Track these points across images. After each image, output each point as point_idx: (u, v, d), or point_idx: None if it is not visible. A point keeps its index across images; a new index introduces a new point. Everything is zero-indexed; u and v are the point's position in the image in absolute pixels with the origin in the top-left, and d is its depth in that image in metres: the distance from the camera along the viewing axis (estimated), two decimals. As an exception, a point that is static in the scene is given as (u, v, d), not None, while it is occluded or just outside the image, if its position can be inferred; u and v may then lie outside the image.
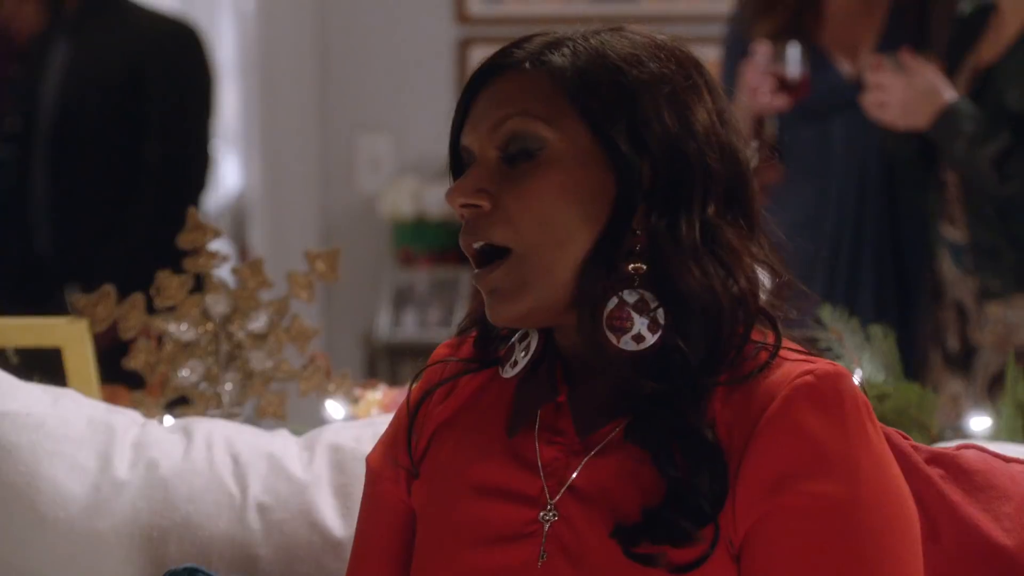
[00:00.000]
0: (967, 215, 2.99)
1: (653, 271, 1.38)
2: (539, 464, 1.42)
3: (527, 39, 1.44)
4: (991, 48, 2.97)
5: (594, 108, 1.39)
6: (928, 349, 3.06)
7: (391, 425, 1.55)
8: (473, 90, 1.43)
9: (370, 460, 1.55)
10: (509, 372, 1.45)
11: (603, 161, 1.39)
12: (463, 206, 1.40)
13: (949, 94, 2.92)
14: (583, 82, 1.39)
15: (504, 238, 1.39)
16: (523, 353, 1.44)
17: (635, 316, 1.37)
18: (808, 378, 1.36)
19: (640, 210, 1.39)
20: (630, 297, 1.37)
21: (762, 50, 3.19)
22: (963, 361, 2.99)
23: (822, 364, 1.38)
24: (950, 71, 3.01)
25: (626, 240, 1.38)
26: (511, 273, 1.39)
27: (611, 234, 1.38)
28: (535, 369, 1.44)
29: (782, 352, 1.39)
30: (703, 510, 1.34)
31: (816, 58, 3.28)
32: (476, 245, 1.40)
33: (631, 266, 1.38)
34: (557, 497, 1.40)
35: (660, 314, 1.37)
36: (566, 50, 1.41)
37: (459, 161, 1.45)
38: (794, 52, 3.18)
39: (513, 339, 1.46)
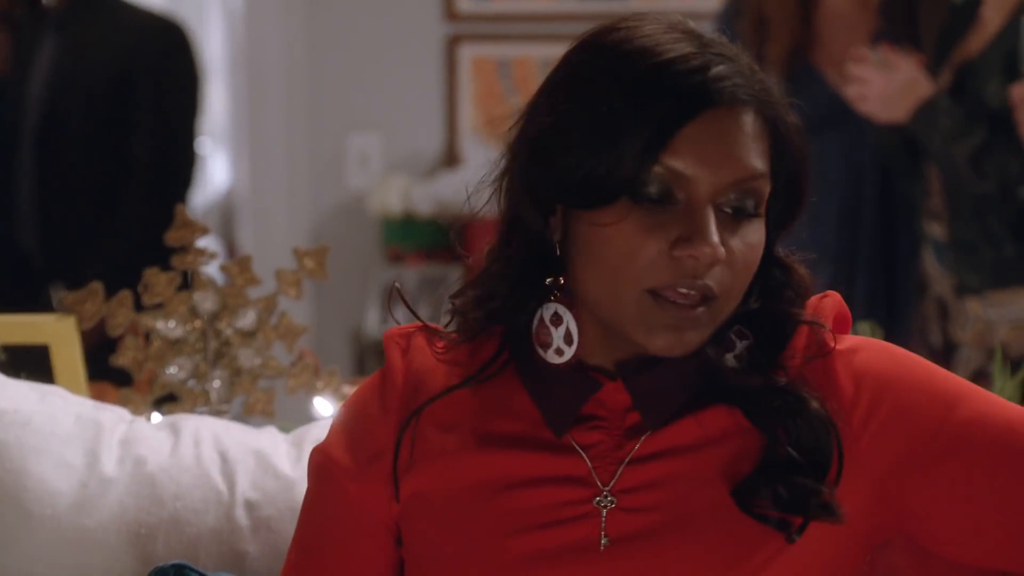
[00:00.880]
0: (947, 210, 2.99)
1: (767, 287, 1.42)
2: (579, 448, 1.41)
3: (723, 55, 1.37)
4: (977, 42, 2.98)
5: (778, 157, 1.40)
6: (914, 344, 3.07)
7: (353, 421, 1.49)
8: (690, 111, 1.35)
9: (331, 454, 1.49)
10: (555, 358, 1.42)
11: None
12: (714, 262, 1.36)
13: (927, 89, 2.94)
14: (781, 143, 1.40)
15: (722, 288, 1.37)
16: (563, 339, 1.41)
17: (735, 340, 1.41)
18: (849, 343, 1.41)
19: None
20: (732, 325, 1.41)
21: None
22: (945, 356, 3.00)
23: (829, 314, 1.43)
24: (938, 65, 3.02)
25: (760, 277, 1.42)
26: (711, 313, 1.37)
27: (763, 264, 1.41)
28: (553, 367, 1.42)
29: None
30: (816, 463, 1.36)
31: (809, 74, 3.29)
32: (686, 290, 1.35)
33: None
34: (613, 480, 1.40)
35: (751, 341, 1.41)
36: (765, 88, 1.39)
37: (632, 172, 1.35)
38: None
39: (540, 318, 1.42)
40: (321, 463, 1.50)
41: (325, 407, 2.07)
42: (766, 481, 1.36)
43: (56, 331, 1.98)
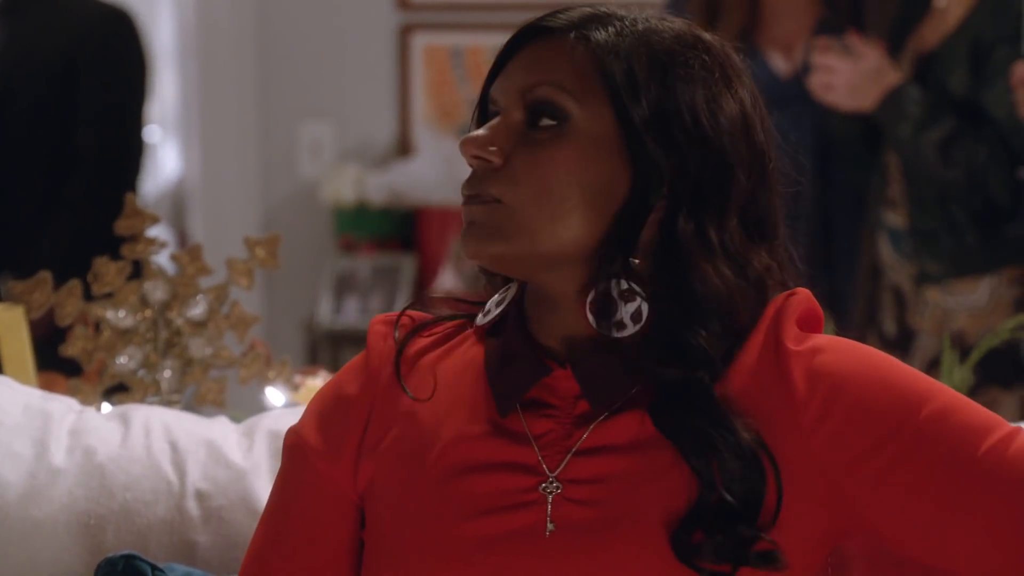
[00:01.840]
0: (907, 199, 3.01)
1: (666, 268, 1.39)
2: (530, 436, 1.42)
3: (574, 7, 1.44)
4: (934, 32, 2.99)
5: (625, 94, 1.40)
6: (865, 332, 3.08)
7: (327, 403, 1.51)
8: (513, 45, 1.44)
9: (303, 434, 1.50)
10: (480, 319, 1.46)
11: (623, 152, 1.40)
12: (474, 156, 1.41)
13: (895, 77, 2.95)
14: (620, 66, 1.40)
15: (500, 192, 1.40)
16: (495, 304, 1.46)
17: (620, 304, 1.39)
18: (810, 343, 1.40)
19: (660, 207, 1.40)
20: (617, 287, 1.39)
21: None
22: (900, 345, 3.02)
23: (792, 301, 1.42)
24: (894, 55, 3.04)
25: (632, 235, 1.39)
26: (492, 215, 1.40)
27: (618, 227, 1.39)
28: (511, 348, 1.44)
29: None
30: (747, 503, 1.35)
31: (752, 58, 3.30)
32: (466, 191, 1.41)
33: (633, 260, 1.39)
34: (560, 468, 1.40)
35: (644, 308, 1.38)
36: (612, 29, 1.41)
37: (485, 110, 1.45)
38: None
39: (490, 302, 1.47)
40: (293, 443, 1.51)
41: (277, 397, 2.07)
42: (703, 529, 1.36)
43: (4, 321, 1.96)
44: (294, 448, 1.51)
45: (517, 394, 1.43)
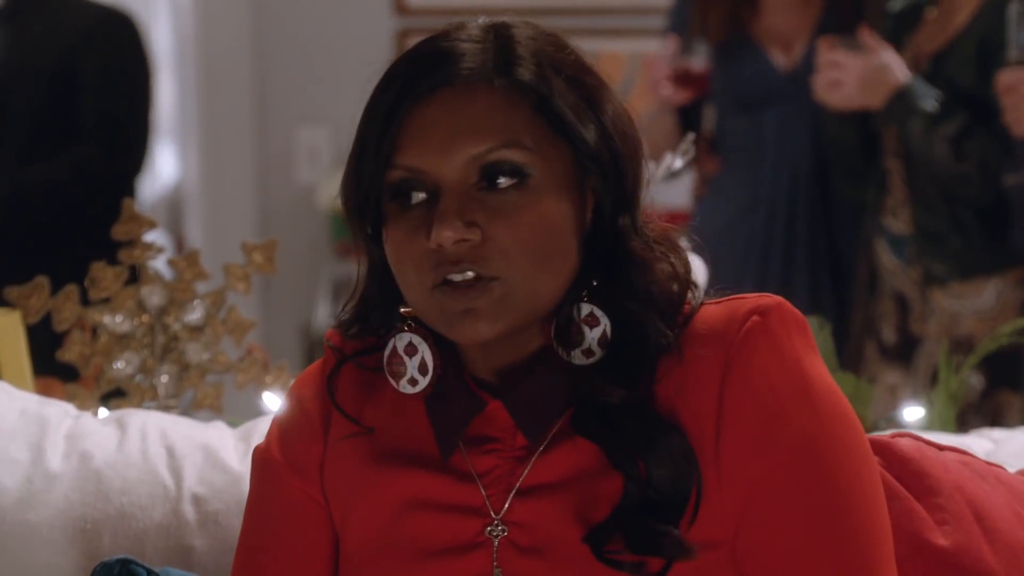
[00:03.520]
0: (911, 202, 3.00)
1: (616, 272, 1.36)
2: (475, 474, 1.39)
3: (460, 32, 1.37)
4: (934, 38, 2.99)
5: (578, 128, 1.35)
6: (862, 341, 3.08)
7: (295, 413, 1.47)
8: (414, 100, 1.34)
9: (271, 449, 1.46)
10: (409, 389, 1.40)
11: (579, 179, 1.37)
12: (457, 242, 1.33)
13: (904, 73, 2.94)
14: (562, 102, 1.35)
15: (498, 270, 1.34)
16: (417, 369, 1.39)
17: (586, 331, 1.36)
18: (756, 319, 1.34)
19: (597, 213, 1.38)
20: (581, 311, 1.36)
21: (670, 44, 3.24)
22: (902, 352, 3.01)
23: (753, 299, 1.37)
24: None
25: (599, 254, 1.37)
26: (495, 294, 1.34)
27: (587, 251, 1.37)
28: (444, 384, 1.39)
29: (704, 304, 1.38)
30: (674, 503, 1.32)
31: (750, 50, 3.30)
32: (459, 278, 1.33)
33: (593, 282, 1.36)
34: (504, 508, 1.38)
35: (608, 331, 1.35)
36: (523, 59, 1.35)
37: (379, 180, 1.34)
38: (699, 48, 3.22)
39: (393, 348, 1.40)
40: (263, 459, 1.48)
41: (274, 402, 2.07)
42: (619, 525, 1.33)
43: (1, 326, 1.96)
44: (264, 465, 1.47)
45: (456, 433, 1.39)
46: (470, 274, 1.33)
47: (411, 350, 1.39)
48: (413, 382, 1.39)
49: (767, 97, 3.29)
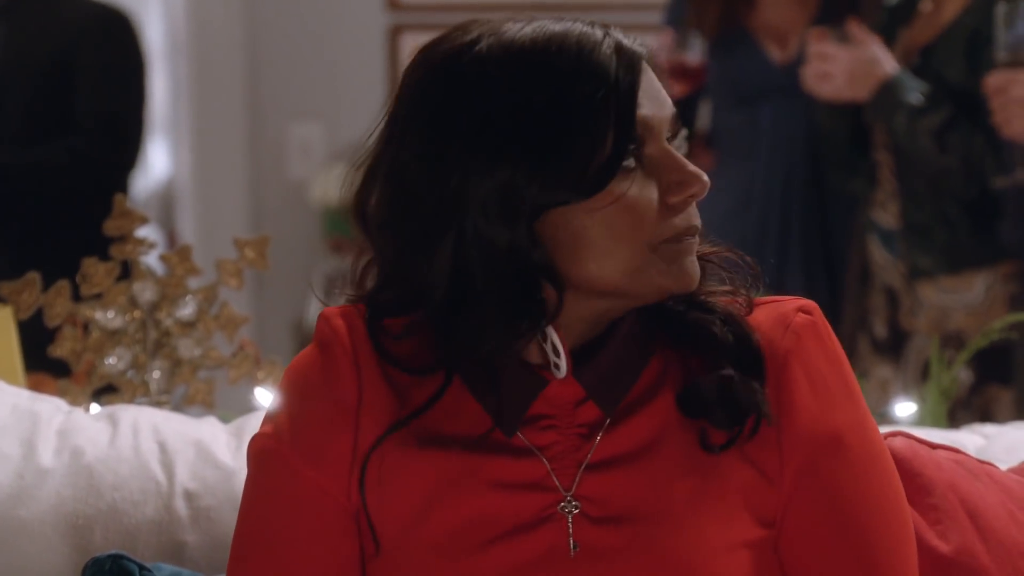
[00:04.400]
0: (899, 195, 3.01)
1: None
2: (535, 449, 1.38)
3: (598, 22, 1.45)
4: (926, 30, 2.99)
5: None
6: (855, 335, 3.08)
7: (305, 399, 1.41)
8: (636, 68, 1.40)
9: (279, 443, 1.40)
10: (557, 373, 1.40)
11: None
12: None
13: (892, 66, 2.94)
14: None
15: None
16: (554, 354, 1.39)
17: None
18: (805, 316, 1.42)
19: None
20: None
21: (666, 38, 3.24)
22: (892, 347, 3.02)
23: (792, 300, 1.44)
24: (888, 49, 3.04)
25: None
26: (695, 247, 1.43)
27: None
28: (495, 365, 1.38)
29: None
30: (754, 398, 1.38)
31: (746, 44, 3.30)
32: (699, 227, 1.41)
33: None
34: (574, 486, 1.38)
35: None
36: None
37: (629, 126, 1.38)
38: (695, 41, 3.22)
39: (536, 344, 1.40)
40: (266, 451, 1.41)
41: (266, 397, 2.07)
42: (711, 385, 1.38)
43: (-8, 321, 1.96)
44: (271, 455, 1.40)
45: (520, 409, 1.38)
46: (698, 222, 1.41)
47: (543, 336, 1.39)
48: (558, 367, 1.39)
49: (762, 91, 3.29)
